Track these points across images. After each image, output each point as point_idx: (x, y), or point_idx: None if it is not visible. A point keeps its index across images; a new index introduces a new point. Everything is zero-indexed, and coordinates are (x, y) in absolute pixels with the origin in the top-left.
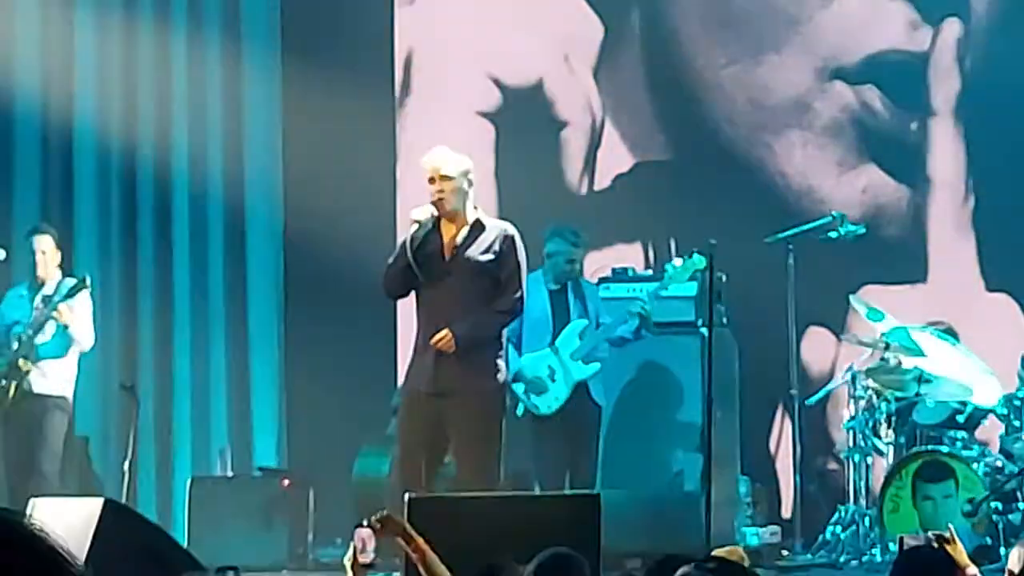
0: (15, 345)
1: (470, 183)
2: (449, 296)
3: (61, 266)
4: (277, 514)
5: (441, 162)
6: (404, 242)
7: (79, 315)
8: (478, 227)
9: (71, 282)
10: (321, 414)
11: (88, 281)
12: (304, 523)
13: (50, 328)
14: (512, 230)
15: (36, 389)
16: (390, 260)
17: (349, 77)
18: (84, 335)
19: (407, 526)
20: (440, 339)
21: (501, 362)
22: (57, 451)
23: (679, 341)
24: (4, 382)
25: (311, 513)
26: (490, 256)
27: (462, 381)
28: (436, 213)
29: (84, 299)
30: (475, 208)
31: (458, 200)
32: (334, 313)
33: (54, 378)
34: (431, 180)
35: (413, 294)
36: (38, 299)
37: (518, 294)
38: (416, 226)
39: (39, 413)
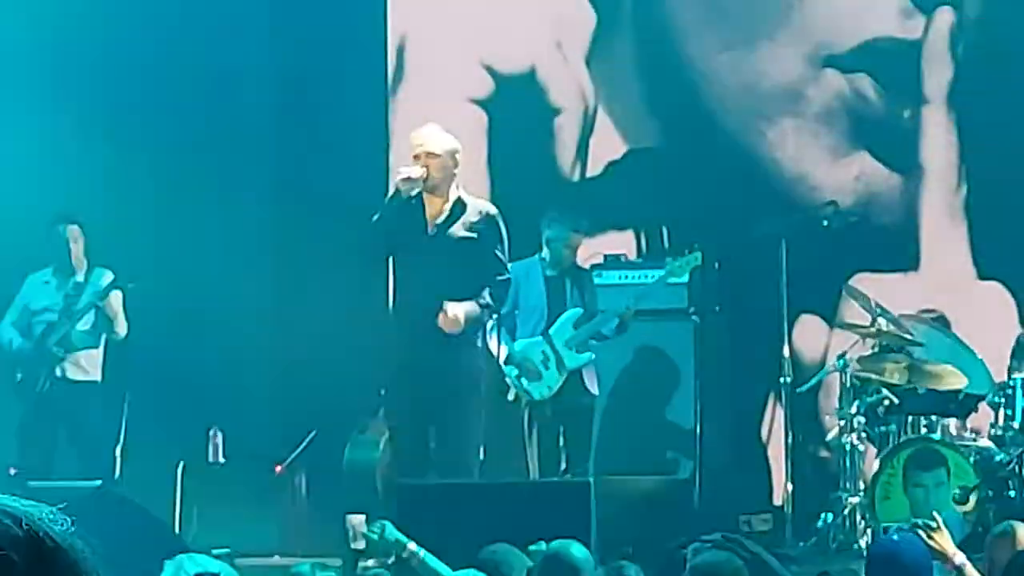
0: (47, 331)
1: (456, 163)
2: (428, 273)
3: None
4: (269, 500)
5: (427, 139)
6: (390, 201)
7: (115, 305)
8: (460, 205)
9: (105, 273)
10: (313, 399)
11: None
12: (296, 509)
13: (88, 317)
14: (494, 210)
15: (70, 375)
16: (375, 218)
17: (341, 63)
18: (121, 324)
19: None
20: (444, 320)
21: (480, 344)
22: (91, 435)
23: (672, 328)
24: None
25: (303, 499)
26: (471, 235)
27: (443, 359)
28: (424, 178)
29: (117, 290)
30: (458, 187)
31: (443, 179)
32: (327, 296)
33: (87, 365)
34: (416, 156)
35: (391, 270)
36: (70, 287)
37: (503, 277)
38: (407, 184)
39: (73, 399)
